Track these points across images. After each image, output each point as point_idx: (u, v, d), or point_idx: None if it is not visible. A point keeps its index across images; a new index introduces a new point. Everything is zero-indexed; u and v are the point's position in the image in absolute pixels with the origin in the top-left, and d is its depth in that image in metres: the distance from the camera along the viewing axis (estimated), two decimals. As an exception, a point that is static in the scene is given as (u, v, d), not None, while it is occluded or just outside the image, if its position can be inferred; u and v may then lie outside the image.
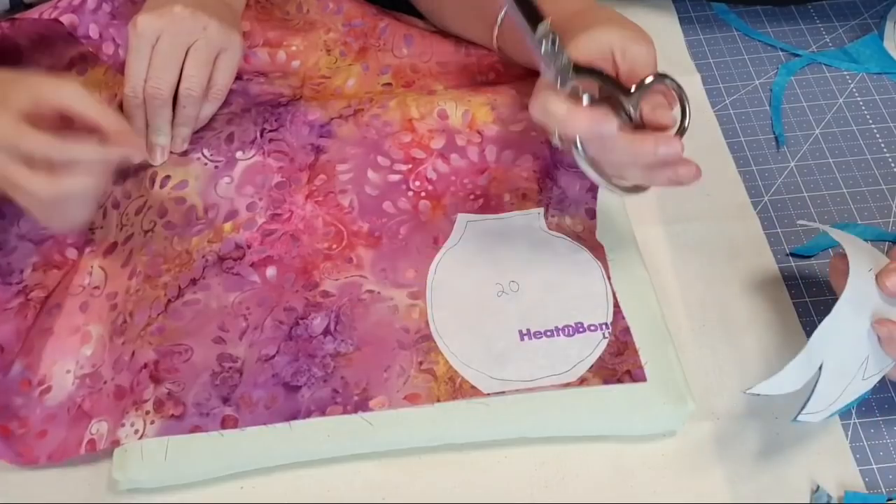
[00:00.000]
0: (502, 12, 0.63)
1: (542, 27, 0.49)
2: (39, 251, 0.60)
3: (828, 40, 0.76)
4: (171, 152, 0.63)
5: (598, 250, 0.58)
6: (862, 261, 0.50)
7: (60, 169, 0.50)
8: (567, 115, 0.49)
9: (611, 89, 0.52)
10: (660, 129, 0.51)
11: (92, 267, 0.60)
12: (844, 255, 0.50)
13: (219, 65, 0.62)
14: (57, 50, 0.68)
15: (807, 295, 0.60)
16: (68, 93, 0.52)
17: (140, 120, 0.62)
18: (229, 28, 0.62)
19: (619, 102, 0.52)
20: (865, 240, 0.62)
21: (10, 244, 0.60)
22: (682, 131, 0.53)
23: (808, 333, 0.49)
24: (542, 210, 0.60)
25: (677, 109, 0.53)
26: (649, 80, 0.52)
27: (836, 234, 0.53)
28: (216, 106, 0.64)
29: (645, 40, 0.53)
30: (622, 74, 0.53)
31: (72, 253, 0.61)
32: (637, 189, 0.53)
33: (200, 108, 0.63)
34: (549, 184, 0.61)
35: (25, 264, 0.59)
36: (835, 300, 0.49)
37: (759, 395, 0.47)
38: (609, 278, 0.57)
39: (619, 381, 0.52)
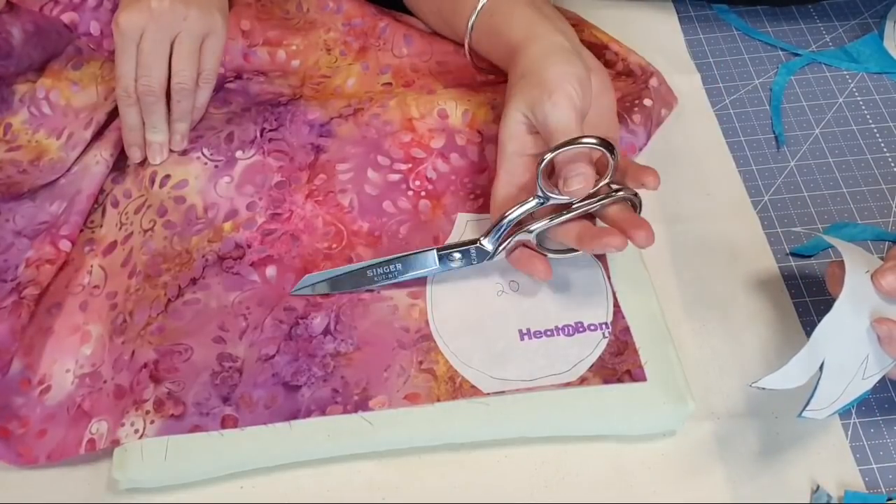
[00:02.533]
0: (472, 18, 0.62)
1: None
2: (33, 246, 0.60)
3: (828, 40, 0.76)
4: (170, 151, 0.63)
5: (598, 250, 0.58)
6: (858, 262, 0.51)
7: None
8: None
9: None
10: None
11: (92, 266, 0.60)
12: (842, 263, 0.50)
13: (205, 50, 0.62)
14: (51, 44, 0.68)
15: (807, 294, 0.60)
16: None
17: (136, 118, 0.62)
18: (209, 11, 0.61)
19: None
20: (865, 239, 0.62)
21: (5, 241, 0.60)
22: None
23: (809, 333, 0.49)
24: (542, 210, 0.60)
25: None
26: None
27: (831, 240, 0.53)
28: (209, 90, 0.64)
29: (557, 94, 0.52)
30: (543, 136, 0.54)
31: (65, 245, 0.60)
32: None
33: (195, 98, 0.63)
34: (549, 183, 0.61)
35: (20, 260, 0.59)
36: (835, 301, 0.49)
37: (763, 388, 0.47)
38: (609, 278, 0.57)
39: (619, 380, 0.52)
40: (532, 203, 0.53)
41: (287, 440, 0.51)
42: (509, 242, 0.55)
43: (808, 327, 0.58)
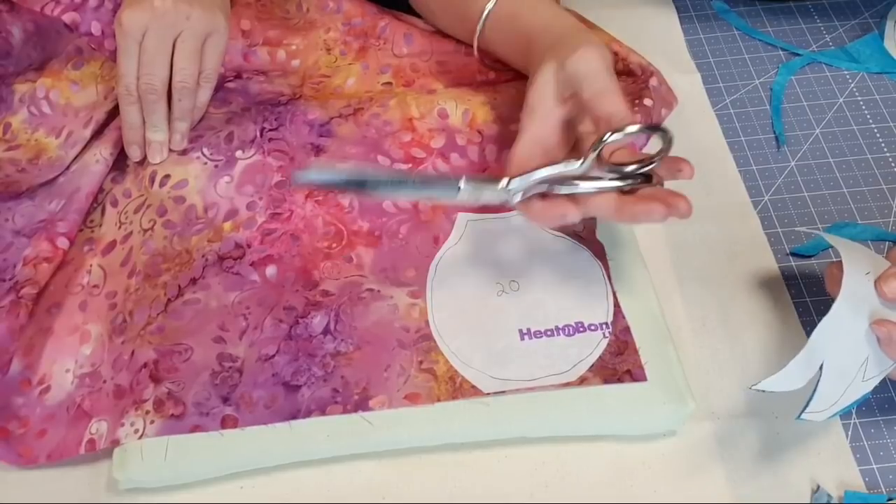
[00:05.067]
0: (485, 11, 0.63)
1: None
2: (31, 244, 0.60)
3: (828, 39, 0.76)
4: (170, 150, 0.63)
5: (598, 250, 0.58)
6: (858, 263, 0.50)
7: None
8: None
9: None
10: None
11: (91, 266, 0.60)
12: (841, 263, 0.50)
13: (207, 49, 0.62)
14: (51, 43, 0.68)
15: (807, 294, 0.60)
16: None
17: (137, 117, 0.62)
18: (212, 11, 0.62)
19: None
20: (865, 240, 0.62)
21: (5, 240, 0.60)
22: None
23: (809, 333, 0.49)
24: (542, 209, 0.60)
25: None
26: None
27: (831, 239, 0.53)
28: (210, 90, 0.64)
29: (586, 47, 0.54)
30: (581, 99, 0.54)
31: (63, 242, 0.60)
32: None
33: (196, 98, 0.63)
34: (550, 183, 0.61)
35: (18, 259, 0.59)
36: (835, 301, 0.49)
37: (763, 391, 0.47)
38: (609, 278, 0.57)
39: (620, 380, 0.52)
40: (571, 165, 0.51)
41: (287, 440, 0.51)
42: (528, 194, 0.53)
43: (809, 327, 0.58)
